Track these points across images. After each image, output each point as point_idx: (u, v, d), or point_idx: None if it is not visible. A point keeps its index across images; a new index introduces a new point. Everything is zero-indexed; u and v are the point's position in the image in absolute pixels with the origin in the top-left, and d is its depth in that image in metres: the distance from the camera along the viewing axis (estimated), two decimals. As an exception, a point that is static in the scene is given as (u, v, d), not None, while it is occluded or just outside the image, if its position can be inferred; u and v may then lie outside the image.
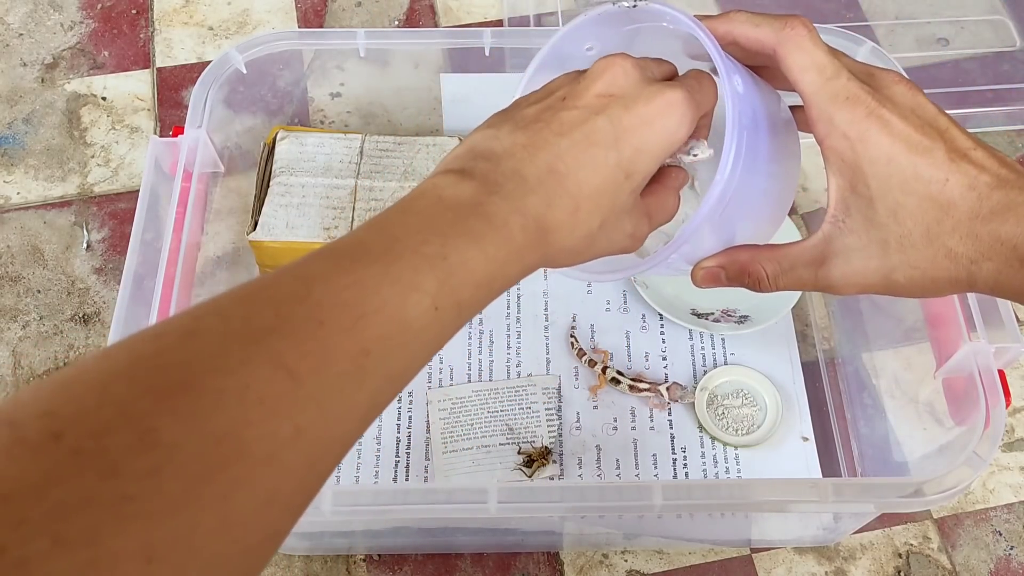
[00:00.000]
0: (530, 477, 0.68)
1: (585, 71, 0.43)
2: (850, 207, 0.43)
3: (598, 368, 0.72)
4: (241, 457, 0.27)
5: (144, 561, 0.24)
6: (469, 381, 0.73)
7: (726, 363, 0.74)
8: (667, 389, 0.70)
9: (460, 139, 0.70)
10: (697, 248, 0.48)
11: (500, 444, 0.70)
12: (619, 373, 0.71)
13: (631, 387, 0.71)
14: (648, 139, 0.40)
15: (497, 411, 0.71)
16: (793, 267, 0.46)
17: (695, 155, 0.44)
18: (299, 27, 0.94)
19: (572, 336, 0.74)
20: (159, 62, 0.92)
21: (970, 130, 0.87)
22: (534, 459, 0.69)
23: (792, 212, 0.81)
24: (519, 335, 0.75)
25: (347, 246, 0.35)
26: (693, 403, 0.71)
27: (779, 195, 0.50)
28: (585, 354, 0.72)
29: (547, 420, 0.71)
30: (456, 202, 0.37)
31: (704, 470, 0.69)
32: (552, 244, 0.39)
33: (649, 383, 0.71)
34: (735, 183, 0.43)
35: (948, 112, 0.45)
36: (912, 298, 0.45)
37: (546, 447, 0.69)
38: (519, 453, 0.69)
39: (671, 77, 0.45)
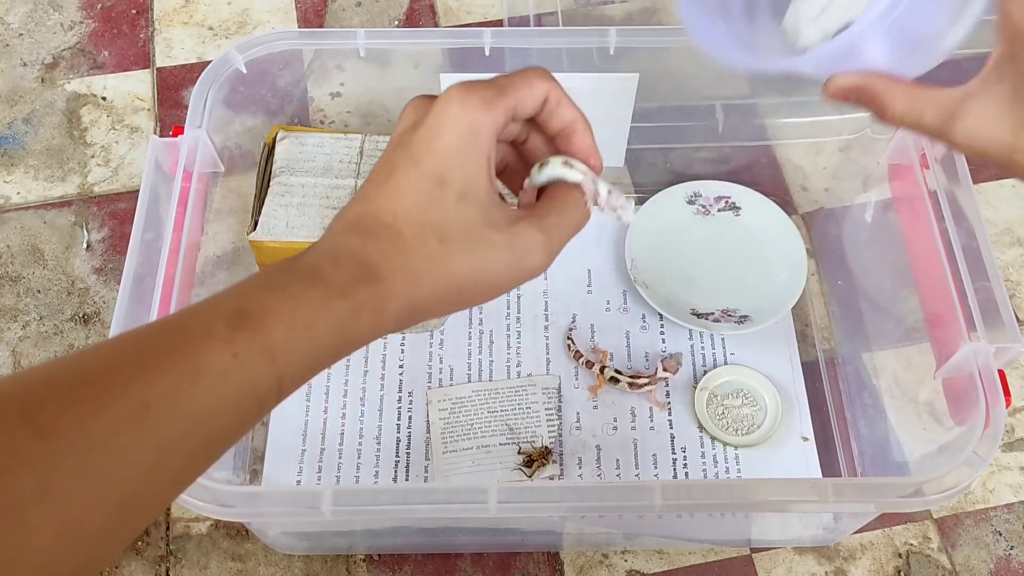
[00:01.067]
0: (530, 477, 0.68)
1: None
2: (1004, 75, 0.42)
3: (596, 368, 0.72)
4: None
5: None
6: (469, 381, 0.73)
7: (726, 363, 0.74)
8: (662, 364, 0.71)
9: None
10: (851, 55, 0.45)
11: (500, 444, 0.70)
12: (617, 372, 0.71)
13: (631, 384, 0.71)
14: (437, 138, 0.37)
15: (497, 411, 0.71)
16: (923, 110, 0.44)
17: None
18: (299, 27, 0.94)
19: (569, 338, 0.74)
20: (159, 62, 0.92)
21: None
22: (534, 459, 0.69)
23: (792, 212, 0.81)
24: (519, 335, 0.75)
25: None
26: (693, 403, 0.71)
27: (940, 31, 0.48)
28: (582, 356, 0.72)
29: (547, 420, 0.71)
30: (281, 264, 0.36)
31: (704, 470, 0.69)
32: (389, 282, 0.36)
33: (647, 377, 0.71)
34: None
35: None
36: None
37: (546, 447, 0.69)
38: (519, 453, 0.69)
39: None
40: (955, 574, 0.67)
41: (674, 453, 0.70)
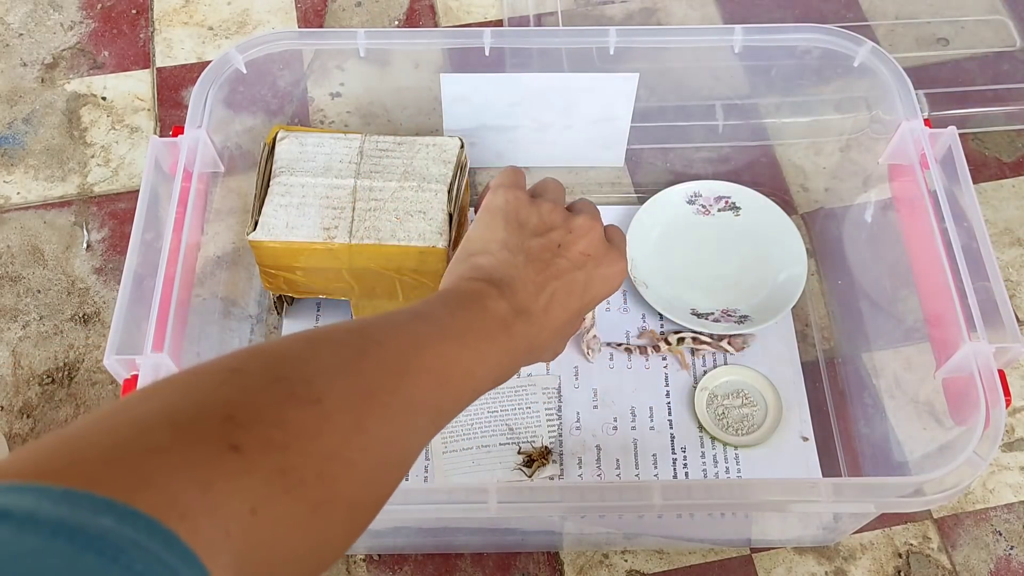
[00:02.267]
0: (530, 477, 0.68)
1: (572, 213, 0.54)
2: None
3: (662, 344, 0.74)
4: (385, 416, 0.38)
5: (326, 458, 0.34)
6: (469, 381, 0.73)
7: (726, 363, 0.74)
8: (729, 339, 0.73)
9: (460, 139, 0.70)
10: None
11: (500, 444, 0.70)
12: (677, 335, 0.74)
13: (695, 339, 0.73)
14: (602, 292, 0.52)
15: (497, 411, 0.71)
16: None
17: None
18: (299, 27, 0.94)
19: (591, 340, 0.74)
20: (159, 62, 0.92)
21: (970, 130, 0.87)
22: (534, 459, 0.69)
23: (792, 212, 0.81)
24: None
25: (418, 319, 0.44)
26: (693, 403, 0.71)
27: None
28: (631, 348, 0.74)
29: (547, 420, 0.71)
30: (495, 316, 0.47)
31: (704, 470, 0.69)
32: (531, 360, 0.51)
33: (711, 340, 0.73)
34: None
35: (948, 111, 0.45)
36: None
37: (546, 447, 0.69)
38: (519, 453, 0.69)
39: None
40: (955, 574, 0.67)
41: (674, 453, 0.70)
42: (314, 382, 0.35)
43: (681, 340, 0.73)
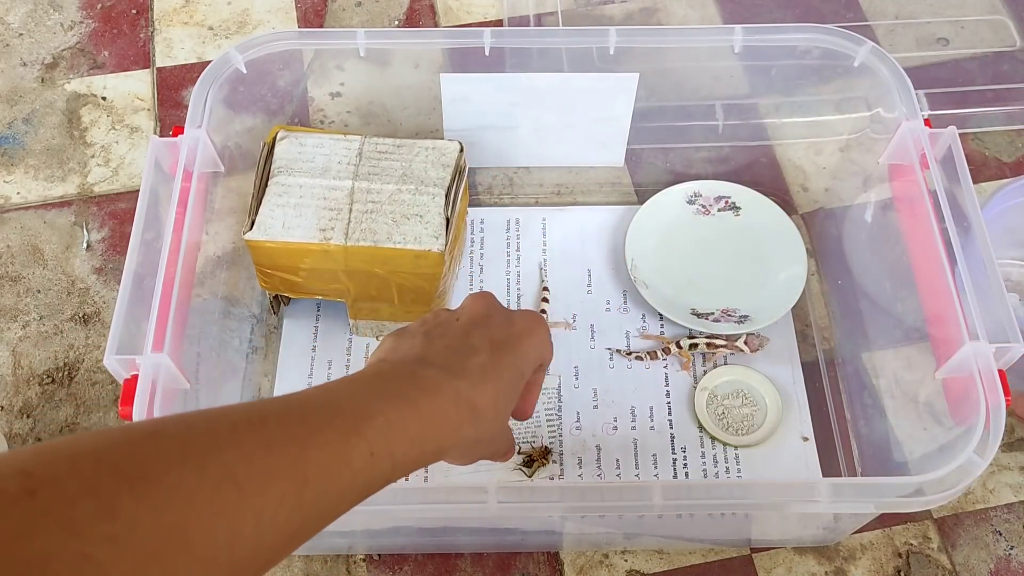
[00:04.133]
0: (530, 477, 0.68)
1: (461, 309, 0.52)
2: None
3: (672, 347, 0.73)
4: (186, 548, 0.31)
5: None
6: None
7: (726, 363, 0.74)
8: (746, 338, 0.73)
9: (460, 143, 0.70)
10: None
11: (500, 444, 0.70)
12: (690, 339, 0.73)
13: (708, 345, 0.73)
14: (531, 348, 0.51)
15: (497, 411, 0.71)
16: None
17: None
18: (299, 27, 0.94)
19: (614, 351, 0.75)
20: (159, 62, 0.92)
21: (970, 130, 0.87)
22: (534, 459, 0.69)
23: (792, 212, 0.81)
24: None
25: (298, 396, 0.40)
26: (693, 403, 0.71)
27: None
28: (641, 357, 0.74)
29: (547, 420, 0.71)
30: (397, 376, 0.44)
31: (704, 470, 0.69)
32: (479, 425, 0.46)
33: (725, 342, 0.73)
34: None
35: (948, 111, 0.45)
36: None
37: (546, 447, 0.69)
38: (519, 453, 0.69)
39: None
40: (955, 574, 0.67)
41: (674, 453, 0.70)
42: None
43: (694, 346, 0.73)
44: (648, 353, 0.74)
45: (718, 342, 0.73)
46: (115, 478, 0.30)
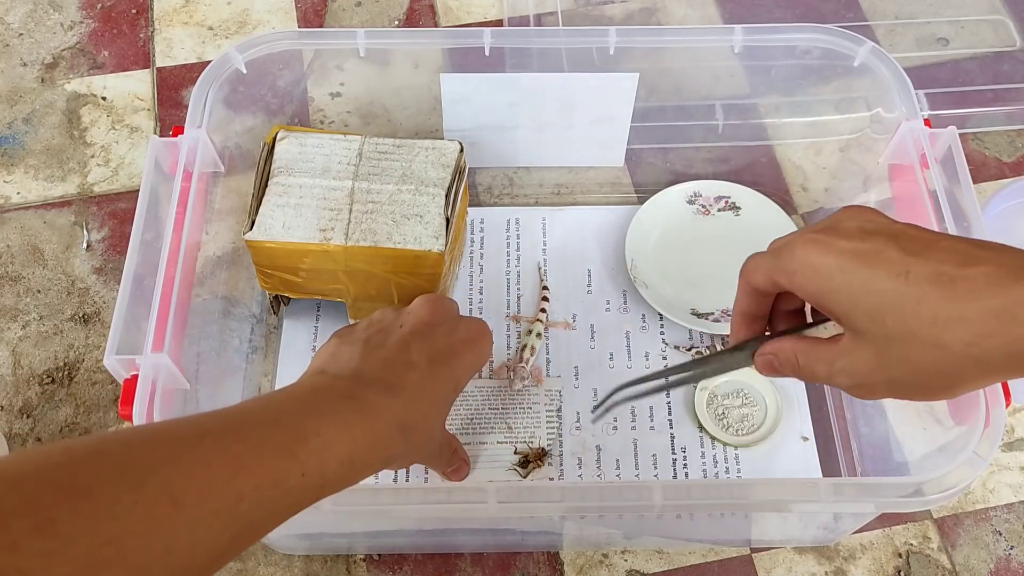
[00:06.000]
0: (524, 478, 0.68)
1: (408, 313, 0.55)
2: (844, 325, 0.44)
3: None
4: (122, 560, 0.32)
5: None
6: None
7: (726, 363, 0.74)
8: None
9: (460, 143, 0.70)
10: None
11: (497, 443, 0.70)
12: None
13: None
14: (472, 360, 0.54)
15: (499, 409, 0.71)
16: (815, 362, 0.47)
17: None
18: (299, 27, 0.94)
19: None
20: (159, 62, 0.92)
21: (970, 130, 0.87)
22: (530, 460, 0.69)
23: (792, 212, 0.81)
24: (518, 336, 0.75)
25: (237, 412, 0.42)
26: (693, 403, 0.71)
27: None
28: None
29: (547, 421, 0.71)
30: (333, 393, 0.46)
31: (704, 470, 0.69)
32: (409, 440, 0.48)
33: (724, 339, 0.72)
34: None
35: (948, 111, 0.45)
36: (927, 399, 0.49)
37: (543, 448, 0.69)
38: (515, 453, 0.69)
39: None
40: (955, 574, 0.67)
41: (674, 453, 0.70)
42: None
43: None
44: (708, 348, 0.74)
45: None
46: (54, 495, 0.31)
